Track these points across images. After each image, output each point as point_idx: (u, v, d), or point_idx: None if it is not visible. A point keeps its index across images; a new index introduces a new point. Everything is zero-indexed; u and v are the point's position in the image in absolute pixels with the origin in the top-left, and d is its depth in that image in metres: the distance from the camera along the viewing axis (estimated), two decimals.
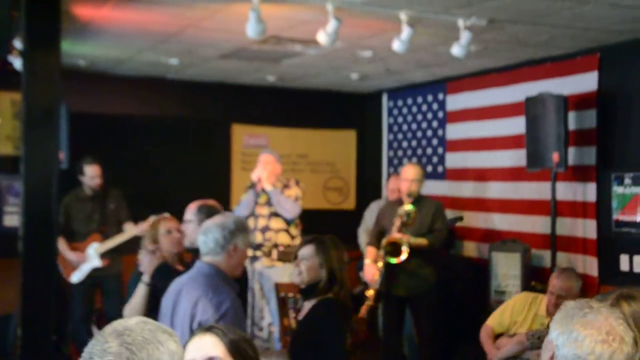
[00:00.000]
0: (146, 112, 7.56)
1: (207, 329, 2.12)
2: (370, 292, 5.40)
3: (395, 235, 5.28)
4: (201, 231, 3.28)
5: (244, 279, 4.33)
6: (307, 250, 3.49)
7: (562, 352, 2.00)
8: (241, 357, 2.08)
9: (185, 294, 3.13)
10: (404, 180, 5.51)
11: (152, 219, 4.77)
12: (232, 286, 3.20)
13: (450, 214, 6.27)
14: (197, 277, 3.19)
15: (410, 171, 5.54)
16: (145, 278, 3.94)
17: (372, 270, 5.52)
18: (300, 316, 3.61)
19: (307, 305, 3.53)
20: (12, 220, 6.69)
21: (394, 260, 5.26)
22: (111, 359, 1.49)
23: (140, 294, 3.92)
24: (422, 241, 5.38)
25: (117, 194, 6.36)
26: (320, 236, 3.61)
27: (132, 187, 6.64)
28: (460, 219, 6.07)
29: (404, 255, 5.23)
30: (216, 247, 3.18)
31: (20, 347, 4.17)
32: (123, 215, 6.29)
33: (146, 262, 3.99)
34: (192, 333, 2.82)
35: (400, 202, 5.57)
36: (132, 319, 1.61)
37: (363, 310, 5.40)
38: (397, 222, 5.31)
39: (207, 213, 4.00)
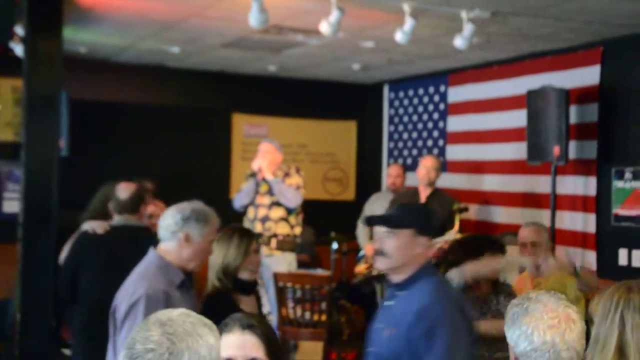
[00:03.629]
0: (146, 100, 7.55)
1: (246, 326, 2.04)
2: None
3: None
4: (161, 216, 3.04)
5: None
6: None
7: (519, 349, 2.06)
8: (276, 356, 2.05)
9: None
10: (423, 168, 5.90)
11: None
12: (171, 277, 2.84)
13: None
14: (141, 264, 2.95)
15: (429, 160, 6.00)
16: None
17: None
18: None
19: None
20: (12, 206, 6.68)
21: None
22: (153, 346, 1.54)
23: None
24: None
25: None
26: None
27: (131, 176, 6.62)
28: (466, 209, 6.09)
29: None
30: (166, 233, 2.92)
31: (19, 332, 4.19)
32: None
33: None
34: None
35: (414, 192, 5.89)
36: (175, 310, 1.65)
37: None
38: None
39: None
